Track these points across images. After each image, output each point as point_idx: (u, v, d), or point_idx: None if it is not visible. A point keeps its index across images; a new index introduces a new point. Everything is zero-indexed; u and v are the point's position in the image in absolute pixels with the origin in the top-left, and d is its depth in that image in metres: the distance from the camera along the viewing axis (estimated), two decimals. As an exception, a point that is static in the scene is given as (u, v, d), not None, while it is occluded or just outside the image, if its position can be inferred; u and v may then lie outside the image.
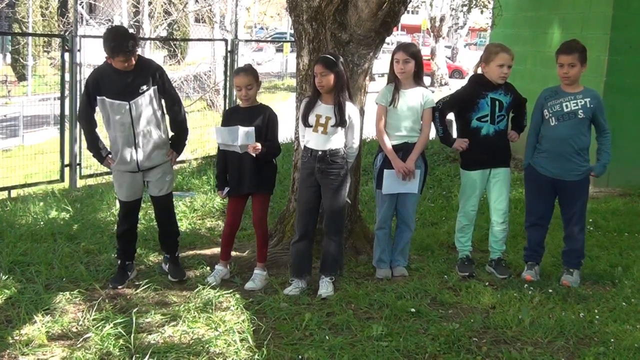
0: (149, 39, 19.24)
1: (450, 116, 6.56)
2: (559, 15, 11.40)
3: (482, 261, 6.51)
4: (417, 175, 6.05)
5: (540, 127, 6.04)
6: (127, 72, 5.61)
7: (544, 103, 6.00)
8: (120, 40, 5.46)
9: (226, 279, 6.01)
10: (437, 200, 9.27)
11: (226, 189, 6.00)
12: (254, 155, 5.70)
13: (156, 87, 5.74)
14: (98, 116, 5.82)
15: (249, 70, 5.92)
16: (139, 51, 5.82)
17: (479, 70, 6.19)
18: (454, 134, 6.53)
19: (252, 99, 5.89)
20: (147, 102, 5.69)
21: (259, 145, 5.69)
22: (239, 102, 6.05)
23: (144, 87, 5.66)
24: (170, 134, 6.01)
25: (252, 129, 5.70)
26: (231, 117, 5.99)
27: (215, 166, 6.20)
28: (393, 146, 6.03)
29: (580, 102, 5.88)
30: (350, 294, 5.63)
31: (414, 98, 6.01)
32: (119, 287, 5.75)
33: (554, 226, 6.50)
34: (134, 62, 5.57)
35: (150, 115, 5.72)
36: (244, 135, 5.66)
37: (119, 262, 5.95)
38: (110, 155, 5.78)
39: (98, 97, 5.63)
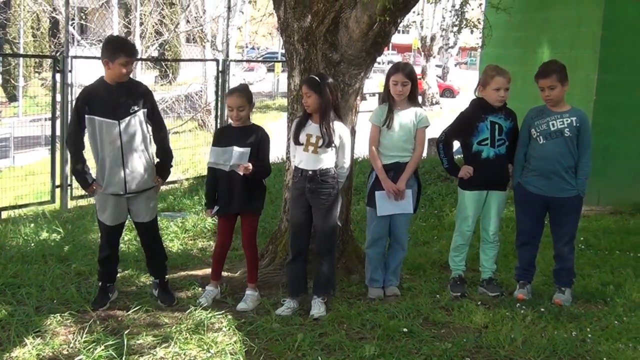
0: (140, 59, 19.26)
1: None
2: (548, 35, 11.48)
3: (474, 280, 6.51)
4: (409, 194, 6.06)
5: (528, 146, 6.07)
6: (118, 90, 5.61)
7: (531, 122, 6.04)
8: (124, 41, 5.77)
9: (218, 300, 6.00)
10: (428, 220, 9.28)
11: (215, 208, 5.99)
12: (241, 174, 5.71)
13: (146, 110, 5.75)
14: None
15: (243, 92, 5.92)
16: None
17: (478, 94, 6.21)
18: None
19: (244, 120, 5.90)
20: (136, 123, 5.67)
21: (250, 166, 5.70)
22: (230, 121, 6.05)
23: (135, 108, 5.66)
24: (156, 160, 5.97)
25: (247, 149, 5.73)
26: (223, 136, 6.00)
27: (205, 185, 6.19)
28: (384, 165, 6.04)
29: (567, 120, 5.92)
30: (343, 314, 5.61)
31: (407, 118, 6.04)
32: (100, 309, 5.72)
33: (545, 245, 6.50)
34: (131, 69, 5.67)
35: (139, 136, 5.69)
36: (238, 156, 5.69)
37: (100, 284, 5.91)
38: (95, 182, 5.70)
39: (87, 117, 5.57)
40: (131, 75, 5.82)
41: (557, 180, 5.95)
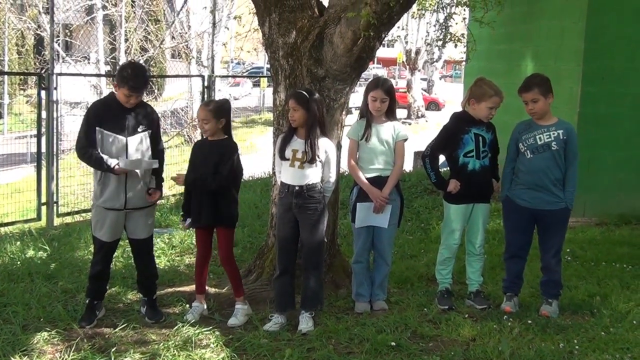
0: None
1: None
2: (531, 48, 11.56)
3: (461, 293, 6.52)
4: (387, 210, 6.08)
5: (516, 160, 6.11)
6: (128, 109, 5.73)
7: (519, 137, 6.08)
8: (135, 74, 5.70)
9: (206, 316, 5.97)
10: (415, 233, 9.29)
11: (188, 220, 6.03)
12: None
13: (151, 131, 5.85)
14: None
15: (208, 105, 6.03)
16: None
17: (468, 106, 6.23)
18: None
19: (212, 132, 5.92)
20: (141, 142, 5.77)
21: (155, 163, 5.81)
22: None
23: (142, 127, 5.78)
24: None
25: (155, 161, 5.81)
26: (197, 151, 6.09)
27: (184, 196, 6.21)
28: (366, 179, 6.07)
29: (553, 134, 5.96)
30: (331, 328, 5.61)
31: (386, 132, 6.07)
32: (87, 326, 5.70)
33: (532, 257, 6.52)
34: (136, 100, 5.73)
35: (143, 154, 5.77)
36: (148, 165, 5.73)
37: (88, 301, 5.89)
38: (118, 162, 5.61)
39: (97, 128, 5.65)
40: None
41: (545, 193, 5.98)
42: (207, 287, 6.29)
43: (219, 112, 5.92)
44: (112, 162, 5.61)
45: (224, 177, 5.82)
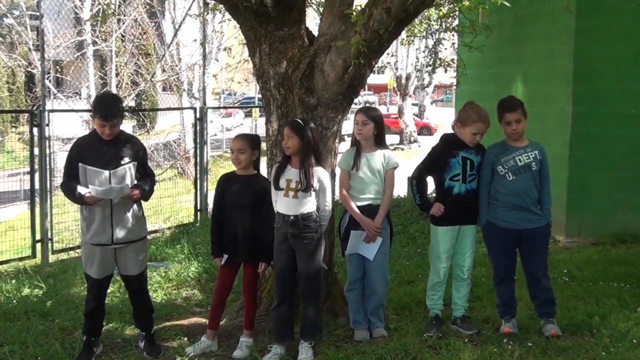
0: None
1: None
2: (521, 70, 11.64)
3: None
4: (377, 241, 6.07)
5: (492, 182, 6.11)
6: (110, 143, 5.70)
7: (495, 160, 6.06)
8: (104, 104, 5.71)
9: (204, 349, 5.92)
10: (412, 258, 9.27)
11: (225, 257, 5.94)
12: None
13: (137, 162, 5.83)
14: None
15: (245, 136, 6.08)
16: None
17: (455, 129, 6.25)
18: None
19: (246, 164, 5.91)
20: (126, 175, 5.73)
21: (137, 193, 5.73)
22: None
23: (126, 159, 5.74)
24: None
25: (127, 185, 5.69)
26: (227, 185, 5.99)
27: (210, 233, 6.11)
28: (357, 207, 6.07)
29: (531, 154, 6.00)
30: (330, 357, 5.58)
31: (376, 161, 6.08)
32: None
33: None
34: (112, 130, 5.66)
35: (127, 187, 5.72)
36: (119, 191, 5.64)
37: (85, 338, 5.86)
38: (89, 192, 5.57)
39: (80, 164, 5.65)
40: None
41: (527, 212, 5.99)
42: (202, 319, 6.25)
43: (255, 143, 5.95)
44: (84, 191, 5.59)
45: (270, 219, 5.84)
